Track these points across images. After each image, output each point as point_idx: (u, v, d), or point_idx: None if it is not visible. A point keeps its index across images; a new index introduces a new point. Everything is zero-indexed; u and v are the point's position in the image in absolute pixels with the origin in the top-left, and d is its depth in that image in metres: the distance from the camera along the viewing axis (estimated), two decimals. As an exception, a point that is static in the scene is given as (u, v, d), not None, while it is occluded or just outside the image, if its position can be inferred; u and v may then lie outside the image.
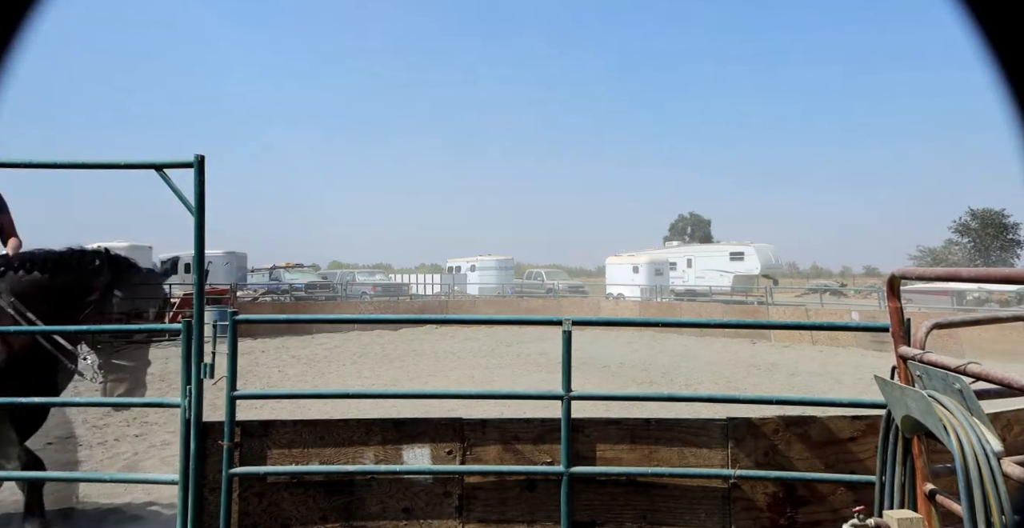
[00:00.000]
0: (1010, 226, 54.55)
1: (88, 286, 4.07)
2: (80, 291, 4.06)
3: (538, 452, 3.48)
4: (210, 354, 3.47)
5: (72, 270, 4.08)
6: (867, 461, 3.36)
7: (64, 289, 4.04)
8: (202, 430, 3.41)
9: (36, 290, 4.01)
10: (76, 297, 4.06)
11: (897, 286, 2.58)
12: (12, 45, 1.52)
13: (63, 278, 4.05)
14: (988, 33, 1.41)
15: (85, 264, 4.10)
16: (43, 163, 3.52)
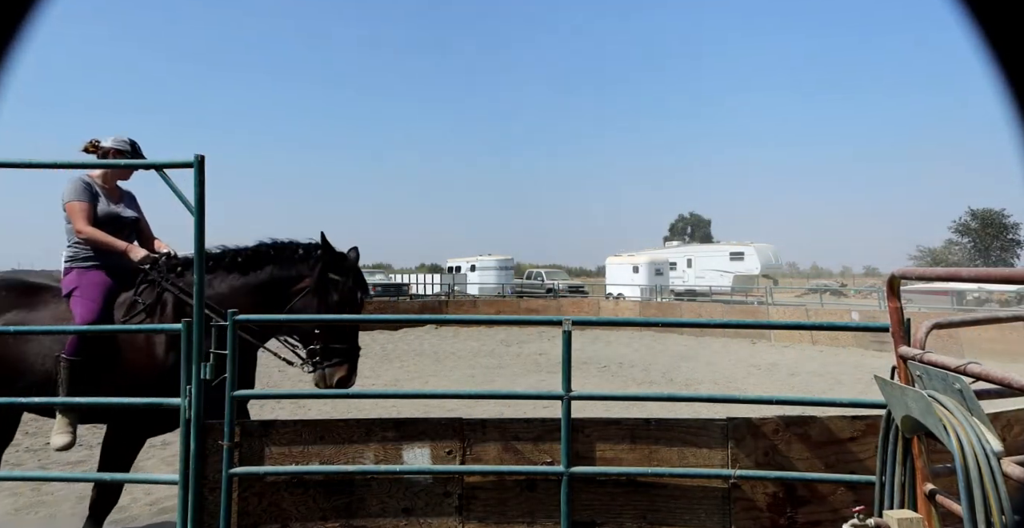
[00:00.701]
0: (1010, 226, 54.57)
1: (297, 275, 4.06)
2: (285, 282, 4.05)
3: (538, 452, 3.49)
4: (210, 354, 3.47)
5: (273, 262, 4.07)
6: (867, 461, 3.36)
7: (268, 283, 4.03)
8: (202, 430, 3.41)
9: (236, 288, 4.00)
10: (281, 289, 4.04)
11: (897, 286, 2.58)
12: (12, 45, 1.52)
13: (263, 272, 4.05)
14: (988, 32, 1.41)
15: (287, 254, 4.10)
16: (43, 163, 3.52)
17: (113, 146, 4.22)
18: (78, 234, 4.04)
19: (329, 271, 4.04)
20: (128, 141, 4.28)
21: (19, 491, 5.25)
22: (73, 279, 4.01)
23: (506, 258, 40.34)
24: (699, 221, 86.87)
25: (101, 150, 4.22)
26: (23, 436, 7.21)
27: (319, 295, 4.01)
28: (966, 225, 55.72)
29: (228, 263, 4.10)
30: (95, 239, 4.04)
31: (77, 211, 4.04)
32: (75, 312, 3.84)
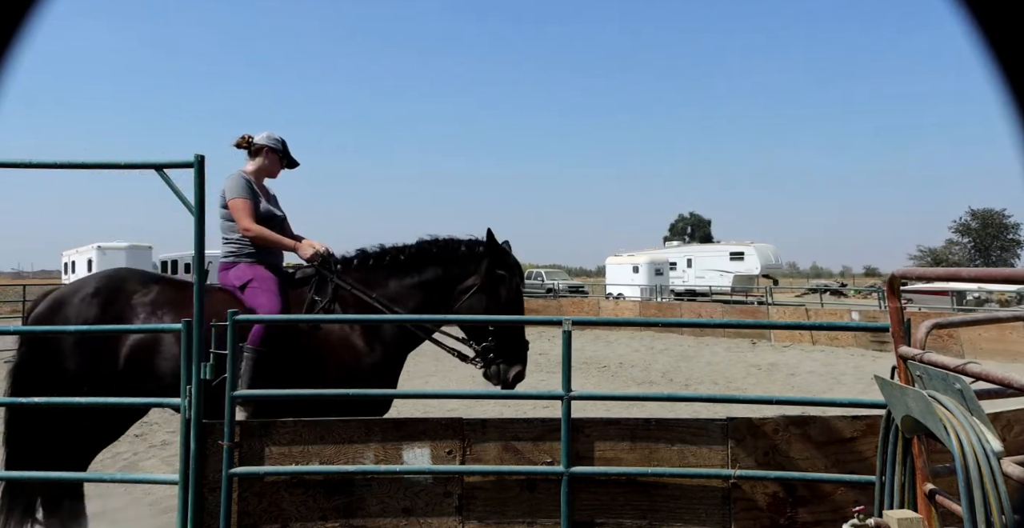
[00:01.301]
0: (1010, 226, 54.61)
1: (462, 273, 4.06)
2: (451, 280, 4.06)
3: (538, 452, 3.49)
4: (210, 354, 3.47)
5: (437, 260, 4.08)
6: (867, 461, 3.36)
7: (434, 281, 4.04)
8: (202, 430, 3.41)
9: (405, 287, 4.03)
10: (447, 287, 4.05)
11: (897, 286, 2.58)
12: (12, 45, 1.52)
13: (429, 271, 4.06)
14: (988, 32, 1.41)
15: (450, 252, 4.10)
16: (43, 163, 3.52)
17: (267, 143, 4.24)
18: (245, 232, 4.02)
19: (496, 268, 4.05)
20: (280, 139, 4.31)
21: (19, 491, 5.23)
22: (244, 271, 3.98)
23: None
24: (699, 221, 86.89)
25: (254, 146, 4.25)
26: (23, 436, 7.22)
27: (488, 293, 4.02)
28: (966, 225, 55.75)
29: (390, 262, 4.10)
30: (264, 237, 4.05)
31: (242, 209, 4.02)
32: (258, 303, 3.81)
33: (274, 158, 4.30)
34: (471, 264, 4.07)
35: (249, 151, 4.27)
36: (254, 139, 4.26)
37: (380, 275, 4.07)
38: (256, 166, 4.24)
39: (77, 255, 26.45)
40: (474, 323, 3.99)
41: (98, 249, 24.57)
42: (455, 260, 4.09)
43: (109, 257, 24.32)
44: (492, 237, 4.09)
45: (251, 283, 3.91)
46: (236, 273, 4.00)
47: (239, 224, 4.01)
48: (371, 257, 4.14)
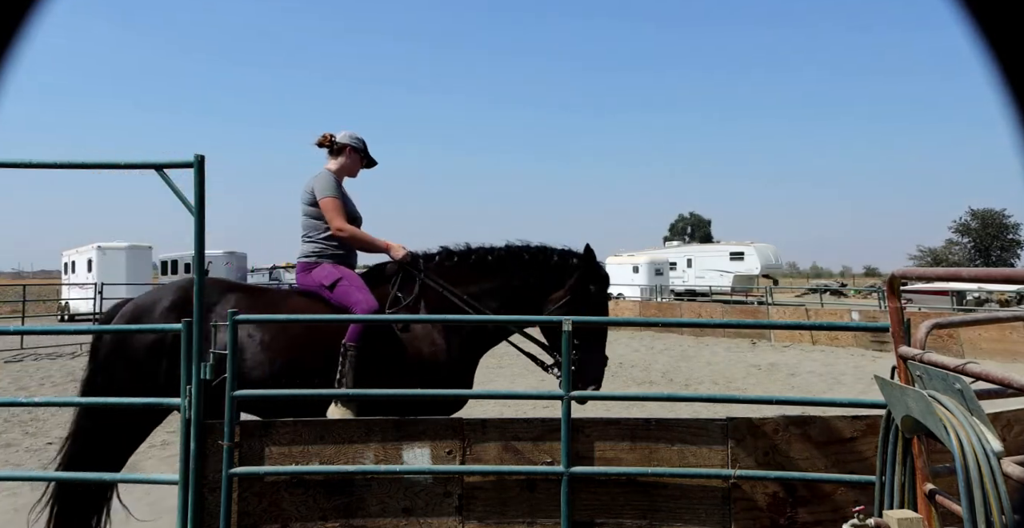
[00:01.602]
0: (1010, 226, 54.60)
1: (553, 283, 4.03)
2: (540, 288, 4.03)
3: (538, 452, 3.49)
4: (210, 354, 3.47)
5: (528, 267, 4.05)
6: (867, 461, 3.36)
7: (523, 288, 4.02)
8: (202, 430, 3.41)
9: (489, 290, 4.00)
10: (536, 295, 4.03)
11: (897, 286, 2.58)
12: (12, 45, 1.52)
13: (518, 277, 4.03)
14: (987, 32, 1.41)
15: (542, 260, 4.08)
16: (43, 163, 3.52)
17: (350, 142, 4.23)
18: (339, 231, 4.00)
19: (588, 282, 4.03)
20: (361, 138, 4.31)
21: (19, 491, 5.24)
22: (330, 271, 3.96)
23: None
24: (699, 221, 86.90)
25: (337, 145, 4.24)
26: (23, 436, 7.22)
27: (576, 306, 3.98)
28: (966, 225, 55.74)
29: (477, 262, 4.08)
30: (356, 237, 4.05)
31: (335, 208, 4.00)
32: (353, 300, 3.80)
33: (356, 157, 4.29)
34: (563, 275, 4.03)
35: (331, 150, 4.26)
36: (336, 138, 4.25)
37: (466, 275, 4.04)
38: (339, 165, 4.21)
39: (77, 255, 26.43)
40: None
41: (98, 249, 24.56)
42: (547, 268, 4.04)
43: (109, 257, 24.33)
44: (590, 252, 4.07)
45: (341, 281, 3.88)
46: (322, 273, 3.97)
47: (332, 223, 3.99)
48: (456, 256, 4.12)
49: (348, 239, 4.04)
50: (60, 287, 28.29)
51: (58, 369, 12.38)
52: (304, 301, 3.95)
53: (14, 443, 6.96)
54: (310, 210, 4.08)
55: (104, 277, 21.43)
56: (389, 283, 4.01)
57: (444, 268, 4.07)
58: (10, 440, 7.07)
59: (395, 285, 3.98)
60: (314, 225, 4.07)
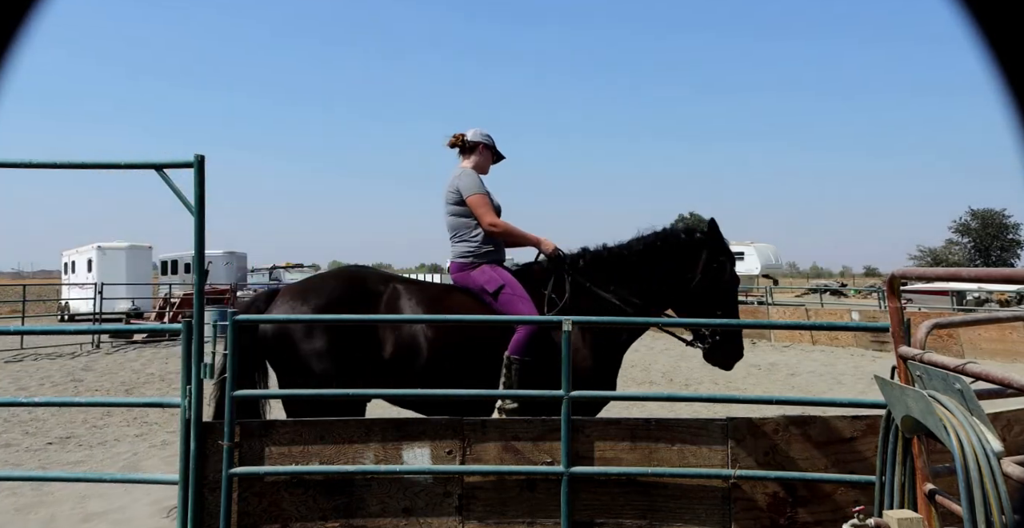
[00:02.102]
0: (1010, 226, 54.57)
1: (688, 263, 4.04)
2: (678, 271, 4.05)
3: (538, 452, 3.48)
4: (210, 354, 3.48)
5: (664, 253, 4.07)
6: (867, 461, 3.36)
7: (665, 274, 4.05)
8: (202, 430, 3.41)
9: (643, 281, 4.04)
10: (677, 277, 4.05)
11: (897, 286, 2.58)
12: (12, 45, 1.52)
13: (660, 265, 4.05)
14: (987, 31, 1.41)
15: (673, 243, 4.09)
16: (43, 163, 3.52)
17: (482, 140, 4.28)
18: (492, 227, 4.04)
19: (717, 256, 4.05)
20: (489, 135, 4.35)
21: (19, 491, 5.24)
22: (491, 275, 3.98)
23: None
24: (699, 221, 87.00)
25: (468, 143, 4.28)
26: (23, 436, 7.22)
27: (711, 282, 4.01)
28: (966, 225, 55.71)
29: (616, 257, 4.11)
30: (509, 231, 4.08)
31: (485, 204, 4.04)
32: (518, 311, 3.81)
33: (487, 154, 4.33)
34: (694, 254, 4.06)
35: (462, 149, 4.31)
36: (467, 136, 4.29)
37: (610, 271, 4.08)
38: (473, 163, 4.25)
39: (77, 255, 26.40)
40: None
41: (98, 249, 24.53)
42: (677, 251, 4.07)
43: (109, 257, 24.30)
44: (715, 226, 4.07)
45: (505, 290, 3.90)
46: (483, 276, 3.98)
47: (484, 219, 4.02)
48: (596, 253, 4.16)
49: (501, 234, 4.09)
50: (60, 287, 28.28)
51: (58, 369, 12.37)
52: (468, 300, 3.99)
53: (14, 443, 6.96)
54: (457, 209, 4.11)
55: (104, 277, 21.39)
56: (540, 283, 4.06)
57: (588, 266, 4.12)
58: (10, 440, 7.07)
59: (549, 286, 4.03)
60: (464, 224, 4.10)
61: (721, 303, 4.01)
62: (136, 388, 10.58)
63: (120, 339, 16.62)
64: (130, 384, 10.88)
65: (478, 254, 4.04)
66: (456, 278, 4.09)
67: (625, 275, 4.05)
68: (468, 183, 4.07)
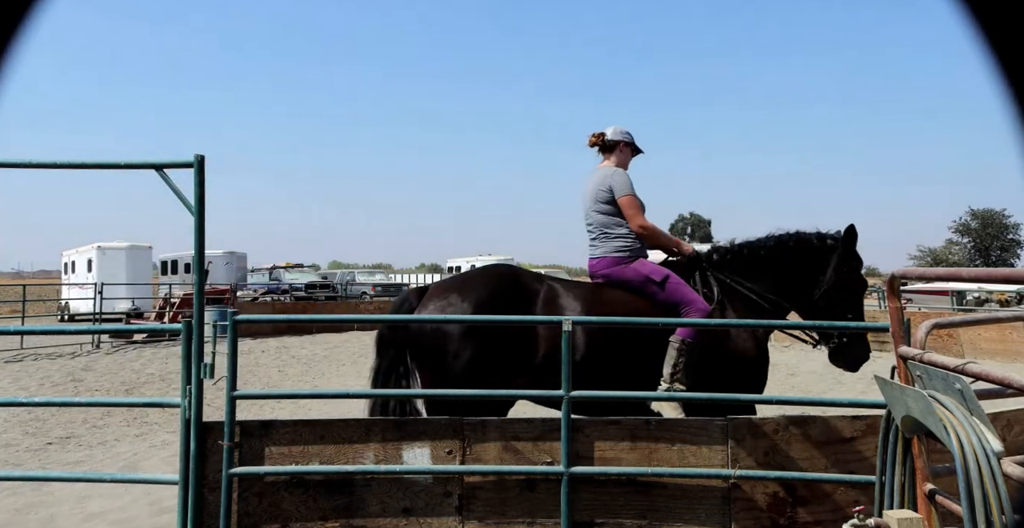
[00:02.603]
0: (1010, 226, 54.57)
1: (820, 266, 4.15)
2: (811, 273, 4.16)
3: (538, 452, 3.48)
4: (210, 354, 3.47)
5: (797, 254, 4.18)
6: (867, 461, 3.36)
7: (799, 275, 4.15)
8: (202, 430, 3.41)
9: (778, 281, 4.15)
10: (809, 279, 4.16)
11: (897, 286, 2.58)
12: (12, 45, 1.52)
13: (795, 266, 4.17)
14: (988, 31, 1.41)
15: (806, 246, 4.19)
16: (43, 163, 3.52)
17: (622, 139, 4.37)
18: (642, 228, 4.16)
19: (849, 260, 4.16)
20: (628, 131, 4.43)
21: (19, 491, 5.24)
22: (655, 267, 4.11)
23: (506, 258, 40.25)
24: (699, 221, 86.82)
25: (609, 143, 4.36)
26: (23, 436, 7.22)
27: (843, 285, 4.12)
28: (966, 225, 55.70)
29: (751, 256, 4.22)
30: (656, 233, 4.22)
31: (637, 205, 4.17)
32: (688, 299, 3.93)
33: (627, 151, 4.42)
34: (825, 258, 4.17)
35: (602, 148, 4.39)
36: (607, 136, 4.36)
37: (747, 268, 4.19)
38: (616, 161, 4.34)
39: (77, 255, 26.40)
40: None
41: (98, 249, 24.53)
42: (811, 254, 4.18)
43: (109, 257, 24.30)
44: (852, 233, 4.18)
45: (670, 279, 4.00)
46: (644, 268, 4.09)
47: (634, 220, 4.14)
48: (733, 250, 4.28)
49: (649, 236, 4.21)
50: (60, 287, 28.27)
51: (58, 369, 12.37)
52: (623, 294, 4.08)
53: (14, 443, 6.96)
54: (606, 208, 4.20)
55: (104, 277, 21.38)
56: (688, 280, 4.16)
57: (726, 264, 4.24)
58: (10, 440, 7.07)
59: (698, 282, 4.16)
60: (614, 222, 4.20)
61: (850, 306, 4.17)
62: (136, 388, 10.58)
63: (120, 339, 16.62)
64: (130, 384, 10.89)
65: (634, 249, 4.17)
66: (612, 271, 4.17)
67: (761, 272, 4.18)
68: (621, 183, 4.18)
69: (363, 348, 16.32)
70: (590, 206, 4.25)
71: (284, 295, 27.80)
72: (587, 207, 4.28)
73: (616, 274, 4.12)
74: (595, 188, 4.22)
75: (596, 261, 4.22)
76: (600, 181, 4.22)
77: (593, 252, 4.25)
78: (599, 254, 4.20)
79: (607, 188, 4.17)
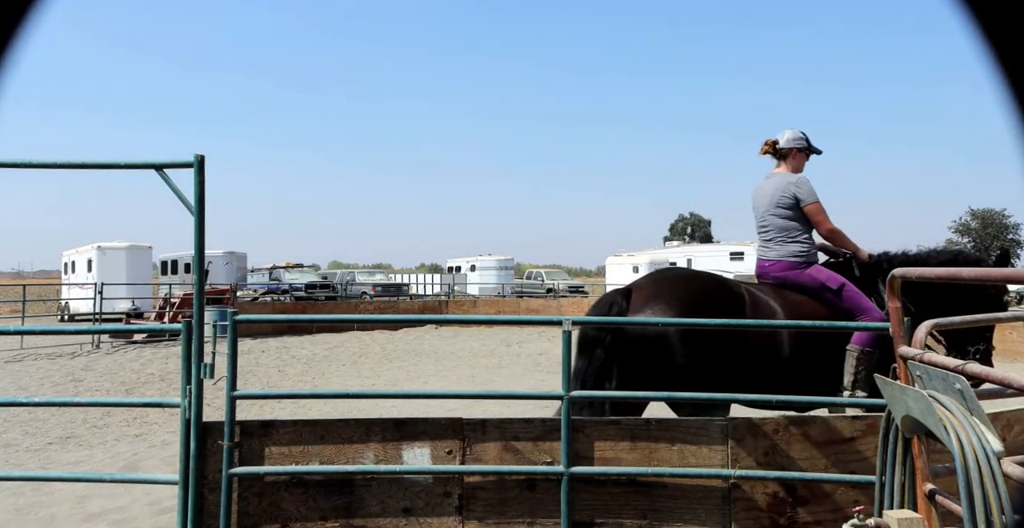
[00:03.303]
0: (1010, 226, 54.62)
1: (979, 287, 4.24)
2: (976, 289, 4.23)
3: (538, 452, 3.48)
4: (210, 354, 3.47)
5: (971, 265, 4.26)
6: (868, 461, 3.36)
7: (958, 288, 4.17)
8: (202, 430, 3.41)
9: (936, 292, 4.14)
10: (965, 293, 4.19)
11: (897, 286, 2.58)
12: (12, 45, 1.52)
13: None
14: (988, 32, 1.41)
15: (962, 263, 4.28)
16: (43, 163, 3.52)
17: (794, 145, 4.46)
18: (831, 232, 4.33)
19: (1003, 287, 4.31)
20: (803, 135, 4.50)
21: (19, 491, 5.24)
22: (831, 274, 4.20)
23: (506, 258, 40.28)
24: (699, 221, 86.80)
25: (782, 150, 4.47)
26: (23, 436, 7.22)
27: (991, 304, 4.21)
28: (966, 225, 55.76)
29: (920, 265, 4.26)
30: (842, 236, 4.36)
31: (823, 211, 4.30)
32: (863, 307, 4.06)
33: (801, 157, 4.51)
34: None
35: (775, 155, 4.50)
36: (780, 143, 4.46)
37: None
38: (791, 167, 4.46)
39: (77, 255, 26.41)
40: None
41: (98, 249, 24.53)
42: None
43: (109, 257, 24.30)
44: (1006, 255, 4.34)
45: (846, 287, 4.11)
46: (820, 274, 4.19)
47: (824, 226, 4.31)
48: (903, 259, 4.38)
49: (836, 239, 4.38)
50: (60, 287, 28.28)
51: (58, 369, 12.37)
52: (804, 297, 4.19)
53: (14, 443, 6.96)
54: (787, 213, 4.33)
55: (104, 277, 21.37)
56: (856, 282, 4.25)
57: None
58: (10, 440, 7.07)
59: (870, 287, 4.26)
60: (794, 227, 4.32)
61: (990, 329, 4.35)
62: (136, 388, 10.58)
63: (120, 339, 16.63)
64: (130, 384, 10.89)
65: (808, 254, 4.30)
66: (787, 275, 4.28)
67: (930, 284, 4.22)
68: (808, 190, 4.30)
69: (363, 348, 16.32)
70: (768, 210, 4.38)
71: (284, 295, 27.80)
72: (764, 211, 4.41)
73: (791, 278, 4.26)
74: (776, 193, 4.34)
75: (770, 264, 4.36)
76: (782, 187, 4.33)
77: (766, 254, 4.42)
78: (774, 257, 4.35)
79: (791, 195, 4.30)
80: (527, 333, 19.54)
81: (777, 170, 4.47)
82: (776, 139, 4.47)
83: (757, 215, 4.48)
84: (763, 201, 4.41)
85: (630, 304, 4.00)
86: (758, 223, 4.48)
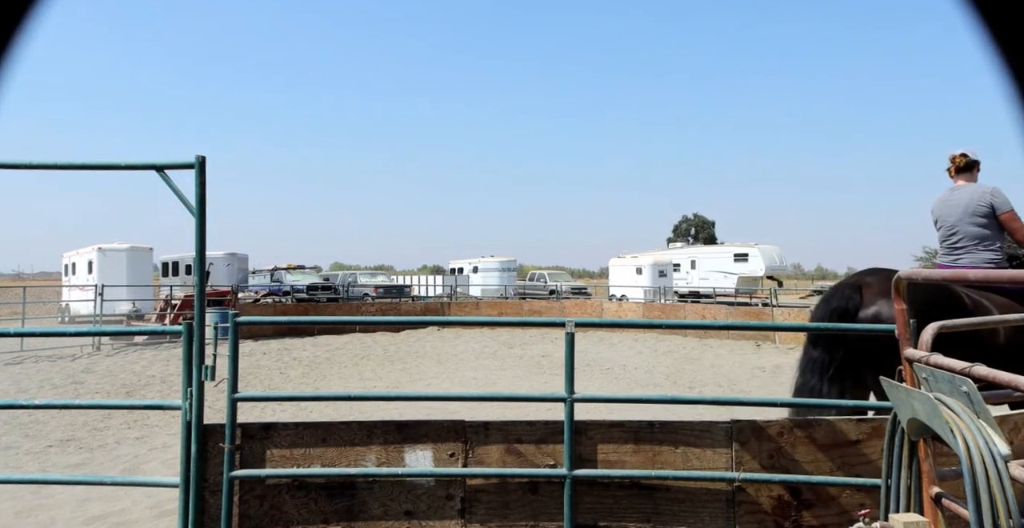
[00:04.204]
0: (1013, 227, 54.43)
1: None
2: None
3: (541, 454, 3.47)
4: (211, 356, 3.46)
5: None
6: (873, 464, 3.34)
7: None
8: (203, 432, 3.40)
9: None
10: None
11: (903, 288, 2.57)
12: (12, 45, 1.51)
13: None
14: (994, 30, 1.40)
15: None
16: (43, 164, 3.51)
17: (978, 159, 4.66)
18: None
19: None
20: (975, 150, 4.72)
21: (19, 494, 5.23)
22: None
23: (509, 259, 40.28)
24: (703, 222, 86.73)
25: (971, 163, 4.67)
26: (23, 438, 7.21)
27: None
28: (969, 226, 55.53)
29: None
30: None
31: (1019, 218, 4.46)
32: None
33: (977, 172, 4.73)
34: None
35: (960, 169, 4.69)
36: (969, 157, 4.67)
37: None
38: (973, 178, 4.67)
39: (77, 257, 26.43)
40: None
41: (99, 251, 24.54)
42: None
43: (110, 259, 24.32)
44: None
45: None
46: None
47: (1020, 233, 4.46)
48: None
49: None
50: (60, 289, 28.31)
51: (58, 371, 12.38)
52: (1005, 299, 4.27)
53: (14, 446, 6.95)
54: (983, 221, 4.52)
55: (105, 279, 21.42)
56: None
57: None
58: (10, 443, 7.06)
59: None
60: (989, 235, 4.53)
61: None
62: (137, 390, 10.58)
63: (120, 341, 16.64)
64: (131, 386, 10.88)
65: (999, 262, 4.51)
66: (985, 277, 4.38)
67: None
68: (1003, 199, 4.49)
69: (365, 350, 16.31)
70: (961, 219, 4.56)
71: (285, 297, 27.82)
72: (955, 220, 4.59)
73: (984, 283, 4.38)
74: (972, 203, 4.53)
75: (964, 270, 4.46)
76: (978, 197, 4.52)
77: (959, 260, 4.59)
78: (967, 263, 4.54)
79: (987, 204, 4.48)
80: (530, 335, 19.53)
81: (960, 182, 4.66)
82: (966, 153, 4.67)
83: (946, 224, 4.65)
84: (955, 211, 4.60)
85: (863, 299, 4.31)
86: (945, 232, 4.65)
